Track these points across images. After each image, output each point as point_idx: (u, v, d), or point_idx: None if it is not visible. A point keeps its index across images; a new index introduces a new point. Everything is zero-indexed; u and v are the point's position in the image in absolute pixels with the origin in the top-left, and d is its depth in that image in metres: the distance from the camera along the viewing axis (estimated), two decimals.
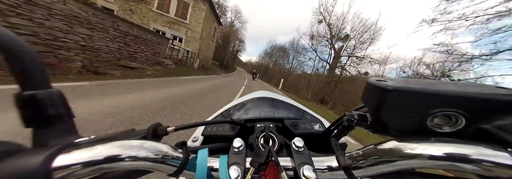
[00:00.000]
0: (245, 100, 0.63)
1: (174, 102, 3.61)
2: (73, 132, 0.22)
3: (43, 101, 0.19)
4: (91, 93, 3.13)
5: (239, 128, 0.40)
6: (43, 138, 0.20)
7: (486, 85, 0.21)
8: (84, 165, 0.17)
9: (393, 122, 0.22)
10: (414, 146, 0.19)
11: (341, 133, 0.35)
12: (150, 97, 3.64)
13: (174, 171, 0.22)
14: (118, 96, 3.26)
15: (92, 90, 3.34)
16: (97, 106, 2.56)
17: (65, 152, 0.18)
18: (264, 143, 0.32)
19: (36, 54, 0.19)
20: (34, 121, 0.20)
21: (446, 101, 0.18)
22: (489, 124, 0.18)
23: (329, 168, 0.23)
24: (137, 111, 2.68)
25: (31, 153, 0.17)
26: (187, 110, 3.32)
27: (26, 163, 0.16)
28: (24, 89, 0.19)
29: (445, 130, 0.19)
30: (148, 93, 3.92)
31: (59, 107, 0.21)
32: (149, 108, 2.92)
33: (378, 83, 0.21)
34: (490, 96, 0.17)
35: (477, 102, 0.18)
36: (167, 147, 0.23)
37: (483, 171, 0.16)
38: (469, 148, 0.17)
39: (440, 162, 0.17)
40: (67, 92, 0.85)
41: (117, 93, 3.49)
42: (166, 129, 0.29)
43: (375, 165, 0.20)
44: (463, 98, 0.18)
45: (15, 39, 0.18)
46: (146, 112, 2.73)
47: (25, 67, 0.18)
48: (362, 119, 0.26)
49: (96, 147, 0.19)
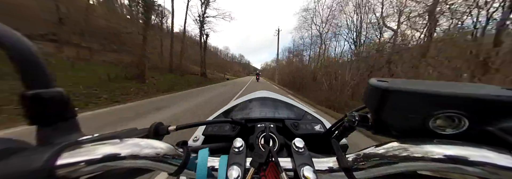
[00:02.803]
0: (246, 100, 0.63)
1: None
2: (76, 131, 0.23)
3: (48, 100, 0.20)
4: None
5: (239, 128, 0.40)
6: (47, 136, 0.20)
7: (490, 86, 0.21)
8: (87, 162, 0.18)
9: (394, 123, 0.21)
10: (416, 147, 0.18)
11: (342, 134, 0.34)
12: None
13: (175, 170, 0.23)
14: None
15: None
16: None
17: (68, 150, 0.18)
18: (264, 143, 0.32)
19: (40, 54, 0.20)
20: (38, 119, 0.20)
21: (449, 102, 0.18)
22: (493, 126, 0.17)
23: (329, 169, 0.23)
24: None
25: (36, 151, 0.17)
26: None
27: (30, 161, 0.16)
28: (28, 88, 0.19)
29: (447, 132, 0.19)
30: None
31: (63, 106, 0.21)
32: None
33: (379, 84, 0.21)
34: (494, 97, 0.17)
35: (480, 103, 0.17)
36: (168, 146, 0.23)
37: (487, 173, 0.15)
38: (472, 151, 0.16)
39: (443, 165, 0.17)
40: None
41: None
42: (168, 128, 0.29)
43: (376, 166, 0.20)
44: (466, 99, 0.17)
45: (19, 38, 0.18)
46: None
47: (29, 66, 0.19)
48: (363, 120, 0.26)
49: (99, 146, 0.19)
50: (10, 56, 0.18)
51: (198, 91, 9.29)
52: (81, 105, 4.37)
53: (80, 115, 0.35)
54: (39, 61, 0.19)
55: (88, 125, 2.99)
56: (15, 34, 0.18)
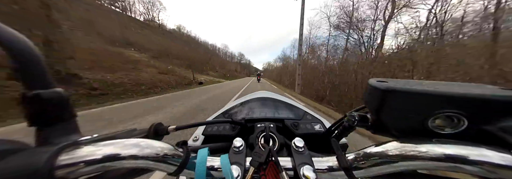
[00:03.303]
0: (246, 100, 0.63)
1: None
2: (75, 131, 0.23)
3: (47, 100, 0.20)
4: None
5: (239, 128, 0.40)
6: (46, 137, 0.20)
7: (489, 86, 0.21)
8: (86, 163, 0.18)
9: (394, 123, 0.21)
10: (416, 147, 0.18)
11: (342, 134, 0.34)
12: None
13: (175, 170, 0.23)
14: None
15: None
16: None
17: (67, 151, 0.18)
18: (264, 143, 0.32)
19: (40, 54, 0.20)
20: (37, 120, 0.20)
21: (448, 102, 0.18)
22: (491, 125, 0.18)
23: (329, 168, 0.23)
24: None
25: (35, 152, 0.17)
26: None
27: (30, 161, 0.16)
28: (28, 89, 0.19)
29: (447, 131, 0.19)
30: None
31: (62, 106, 0.21)
32: None
33: (379, 84, 0.21)
34: (492, 97, 0.17)
35: (479, 103, 0.17)
36: (168, 146, 0.23)
37: (486, 172, 0.16)
38: (471, 150, 0.16)
39: (442, 164, 0.17)
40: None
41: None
42: (167, 128, 0.29)
43: (376, 166, 0.20)
44: (465, 99, 0.17)
45: (19, 39, 0.18)
46: None
47: (29, 66, 0.19)
48: (363, 120, 0.26)
49: (98, 146, 0.19)
50: (10, 56, 0.18)
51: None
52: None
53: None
54: (39, 62, 0.19)
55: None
56: (15, 34, 0.18)
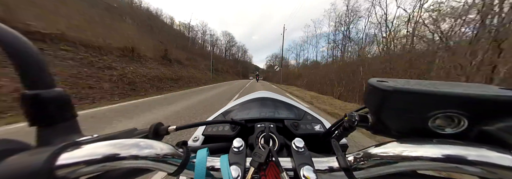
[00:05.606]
0: (246, 101, 0.63)
1: None
2: (76, 131, 0.23)
3: (47, 100, 0.20)
4: None
5: (239, 128, 0.40)
6: (47, 136, 0.20)
7: (489, 86, 0.21)
8: (86, 163, 0.18)
9: (394, 123, 0.21)
10: (416, 147, 0.18)
11: (342, 134, 0.34)
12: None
13: (175, 170, 0.23)
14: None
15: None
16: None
17: (68, 151, 0.18)
18: (264, 143, 0.32)
19: (41, 54, 0.20)
20: (38, 120, 0.20)
21: (448, 102, 0.18)
22: (492, 126, 0.18)
23: (329, 169, 0.23)
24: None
25: (35, 152, 0.17)
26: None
27: (30, 161, 0.16)
28: (28, 89, 0.19)
29: (447, 131, 0.19)
30: None
31: (63, 106, 0.21)
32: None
33: (379, 84, 0.21)
34: (493, 97, 0.17)
35: (479, 103, 0.17)
36: (168, 146, 0.23)
37: (486, 173, 0.16)
38: (472, 150, 0.16)
39: (443, 164, 0.17)
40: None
41: None
42: (167, 128, 0.29)
43: (376, 166, 0.20)
44: (465, 99, 0.17)
45: (20, 39, 0.18)
46: None
47: (29, 66, 0.19)
48: (363, 120, 0.26)
49: (99, 146, 0.19)
50: (10, 56, 0.18)
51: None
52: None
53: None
54: (40, 62, 0.19)
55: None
56: (16, 34, 0.18)
